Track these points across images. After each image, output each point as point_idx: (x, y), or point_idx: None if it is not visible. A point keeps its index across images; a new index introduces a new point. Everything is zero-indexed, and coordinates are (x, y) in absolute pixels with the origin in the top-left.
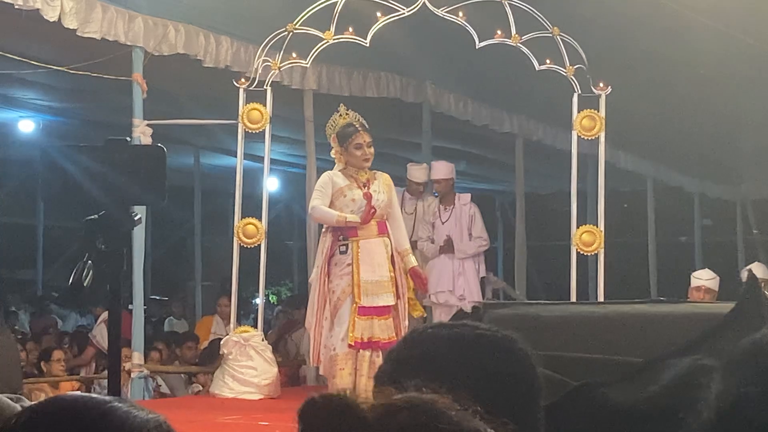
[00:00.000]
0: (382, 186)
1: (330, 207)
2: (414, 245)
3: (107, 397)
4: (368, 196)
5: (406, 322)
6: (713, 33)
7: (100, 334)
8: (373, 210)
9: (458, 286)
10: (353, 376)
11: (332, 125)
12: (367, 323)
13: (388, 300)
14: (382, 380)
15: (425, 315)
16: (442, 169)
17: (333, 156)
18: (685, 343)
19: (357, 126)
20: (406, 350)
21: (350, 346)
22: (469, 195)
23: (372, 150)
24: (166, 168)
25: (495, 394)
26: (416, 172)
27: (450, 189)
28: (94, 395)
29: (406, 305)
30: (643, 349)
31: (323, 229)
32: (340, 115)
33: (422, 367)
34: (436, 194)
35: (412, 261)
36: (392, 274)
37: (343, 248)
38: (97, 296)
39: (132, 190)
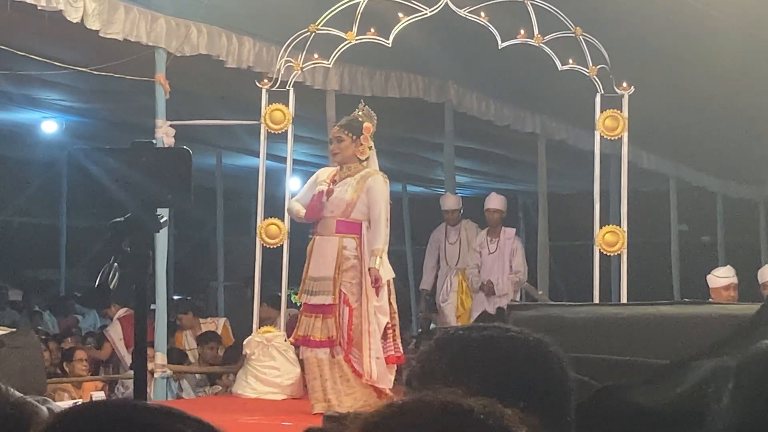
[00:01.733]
0: (356, 185)
1: None
2: (463, 272)
3: (157, 404)
4: (321, 192)
5: (371, 327)
6: (736, 32)
7: (114, 332)
8: (319, 205)
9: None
10: (319, 380)
11: None
12: (310, 321)
13: (325, 300)
14: (412, 382)
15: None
16: (495, 200)
17: None
18: (710, 345)
19: (338, 121)
20: (436, 352)
21: (292, 342)
22: (513, 230)
23: (342, 144)
24: (191, 170)
25: (527, 396)
26: (447, 201)
27: (500, 220)
28: (145, 402)
29: (371, 309)
30: (668, 351)
31: None
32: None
33: (453, 369)
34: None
35: (372, 261)
36: (336, 275)
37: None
38: (125, 297)
39: (158, 193)
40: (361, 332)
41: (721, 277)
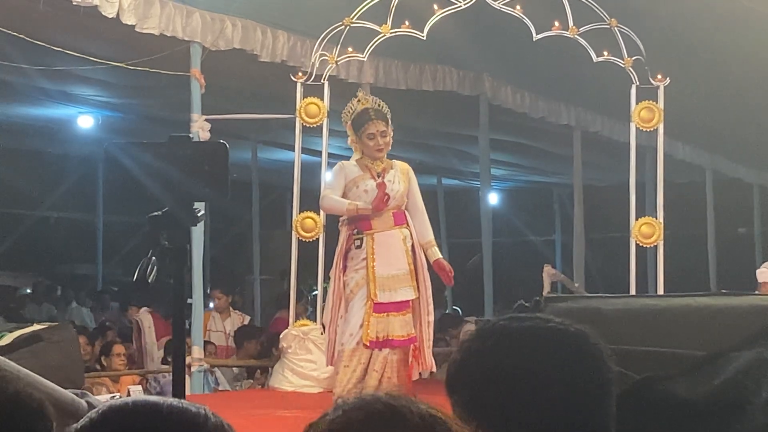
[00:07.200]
0: (399, 175)
1: (343, 198)
2: None
3: (172, 399)
4: (381, 185)
5: (431, 317)
6: None
7: (145, 318)
8: (386, 197)
9: None
10: (358, 372)
11: (348, 112)
12: (383, 320)
13: (408, 294)
14: (453, 371)
15: None
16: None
17: (349, 144)
18: (749, 337)
19: (371, 114)
20: (477, 342)
21: (366, 346)
22: None
23: (387, 140)
24: (228, 164)
25: (567, 387)
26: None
27: None
28: (167, 399)
29: (430, 299)
30: (706, 342)
31: (339, 223)
32: (359, 100)
33: (493, 360)
34: None
35: (436, 253)
36: (412, 266)
37: (358, 242)
38: (162, 292)
39: (195, 187)
40: (420, 323)
41: None
